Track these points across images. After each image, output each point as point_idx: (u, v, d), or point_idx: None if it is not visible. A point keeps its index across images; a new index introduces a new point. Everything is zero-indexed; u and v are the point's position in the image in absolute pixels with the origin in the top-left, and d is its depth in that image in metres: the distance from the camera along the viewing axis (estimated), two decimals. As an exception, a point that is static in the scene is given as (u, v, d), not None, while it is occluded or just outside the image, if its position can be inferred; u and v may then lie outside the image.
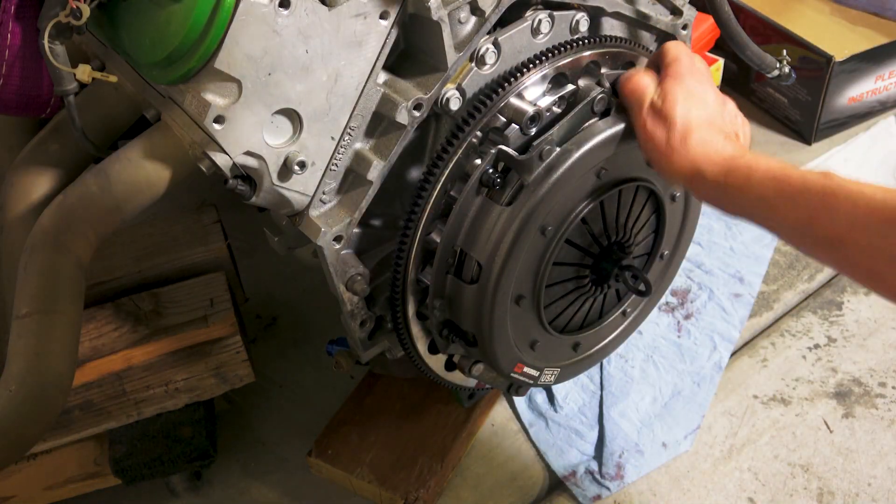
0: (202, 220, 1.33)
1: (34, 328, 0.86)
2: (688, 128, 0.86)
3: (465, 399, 1.29)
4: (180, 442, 1.17)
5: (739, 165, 0.82)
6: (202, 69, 0.78)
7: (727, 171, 0.82)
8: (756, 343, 1.45)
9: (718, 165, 0.83)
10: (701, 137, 0.86)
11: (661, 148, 0.87)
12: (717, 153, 0.84)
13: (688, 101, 0.88)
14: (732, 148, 0.85)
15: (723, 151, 0.84)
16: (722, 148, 0.85)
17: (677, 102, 0.87)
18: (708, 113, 0.89)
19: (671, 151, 0.86)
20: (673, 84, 0.89)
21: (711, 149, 0.85)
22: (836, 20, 1.79)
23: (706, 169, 0.84)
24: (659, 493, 1.23)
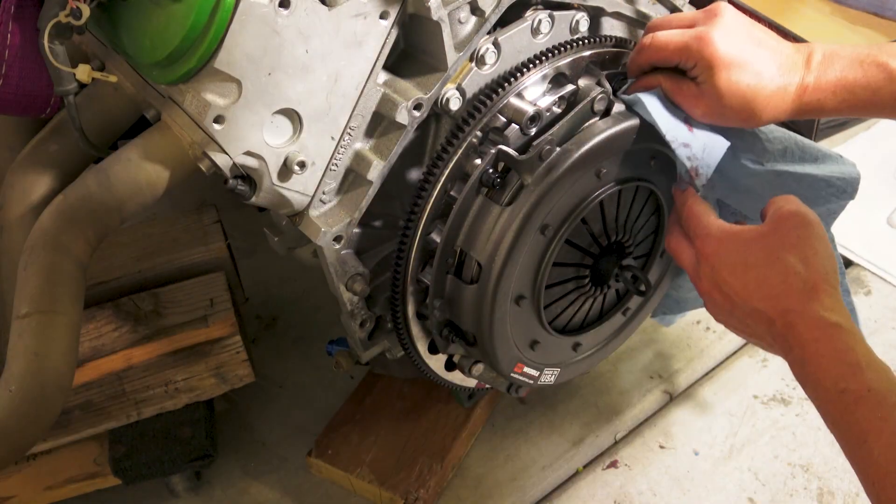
0: (202, 220, 1.33)
1: (34, 328, 0.86)
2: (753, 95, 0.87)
3: (464, 399, 1.29)
4: (180, 442, 1.17)
5: (810, 105, 0.87)
6: (202, 69, 0.78)
7: (799, 113, 0.87)
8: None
9: (790, 112, 0.87)
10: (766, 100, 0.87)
11: None
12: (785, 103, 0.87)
13: None
14: (795, 87, 0.87)
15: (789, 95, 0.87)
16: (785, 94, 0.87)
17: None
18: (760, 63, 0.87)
19: None
20: None
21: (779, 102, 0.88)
22: (836, 20, 1.80)
23: (780, 119, 0.89)
24: (659, 493, 1.23)
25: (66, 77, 0.86)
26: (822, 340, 0.73)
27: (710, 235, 0.84)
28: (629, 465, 1.28)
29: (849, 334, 0.73)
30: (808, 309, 0.75)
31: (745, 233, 0.83)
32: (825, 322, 0.74)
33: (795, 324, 0.75)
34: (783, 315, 0.76)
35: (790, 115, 0.90)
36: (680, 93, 0.92)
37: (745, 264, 0.80)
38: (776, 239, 0.79)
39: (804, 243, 0.79)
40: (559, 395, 1.37)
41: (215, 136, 0.81)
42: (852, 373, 0.70)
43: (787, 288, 0.77)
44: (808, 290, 0.76)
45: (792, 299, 0.76)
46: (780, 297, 0.77)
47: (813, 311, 0.74)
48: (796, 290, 0.76)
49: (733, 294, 0.81)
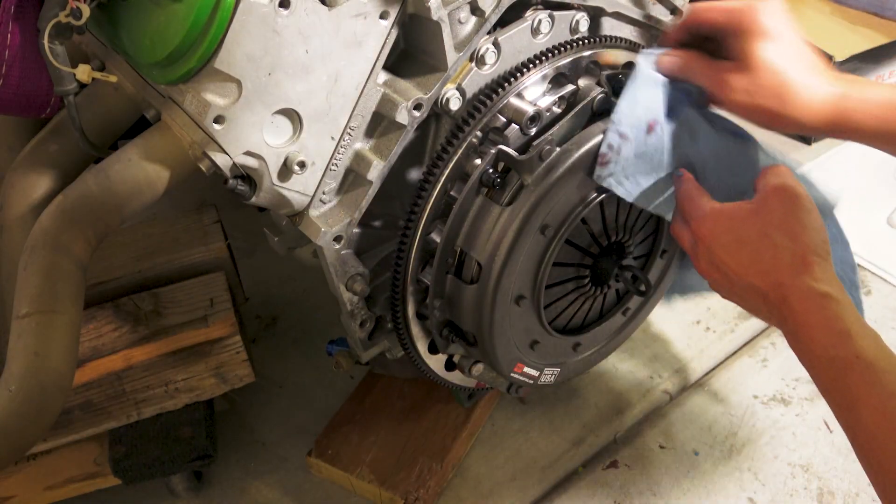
0: (202, 220, 1.33)
1: (34, 328, 0.86)
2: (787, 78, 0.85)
3: (464, 399, 1.29)
4: (180, 442, 1.17)
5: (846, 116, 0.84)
6: (202, 69, 0.78)
7: (831, 123, 0.84)
8: (756, 343, 1.45)
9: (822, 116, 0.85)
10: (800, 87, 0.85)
11: None
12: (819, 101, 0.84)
13: None
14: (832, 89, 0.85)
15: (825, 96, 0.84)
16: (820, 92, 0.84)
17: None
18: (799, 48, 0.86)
19: None
20: None
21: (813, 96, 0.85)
22: (836, 20, 1.80)
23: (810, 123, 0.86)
24: (659, 493, 1.23)
25: (66, 77, 0.86)
26: (812, 311, 0.75)
27: (704, 216, 0.85)
28: (629, 465, 1.28)
29: (838, 304, 0.74)
30: (798, 281, 0.77)
31: (735, 210, 0.83)
32: (815, 292, 0.75)
33: (787, 296, 0.77)
34: (775, 288, 0.78)
35: (823, 121, 0.86)
36: (711, 69, 0.89)
37: (738, 241, 0.82)
38: (764, 215, 0.81)
39: (792, 218, 0.80)
40: (559, 395, 1.37)
41: (215, 136, 0.81)
42: (841, 341, 0.72)
43: (777, 262, 0.78)
44: (797, 263, 0.77)
45: (782, 273, 0.78)
46: (771, 272, 0.79)
47: (803, 283, 0.76)
48: (786, 263, 0.78)
49: (729, 272, 0.82)
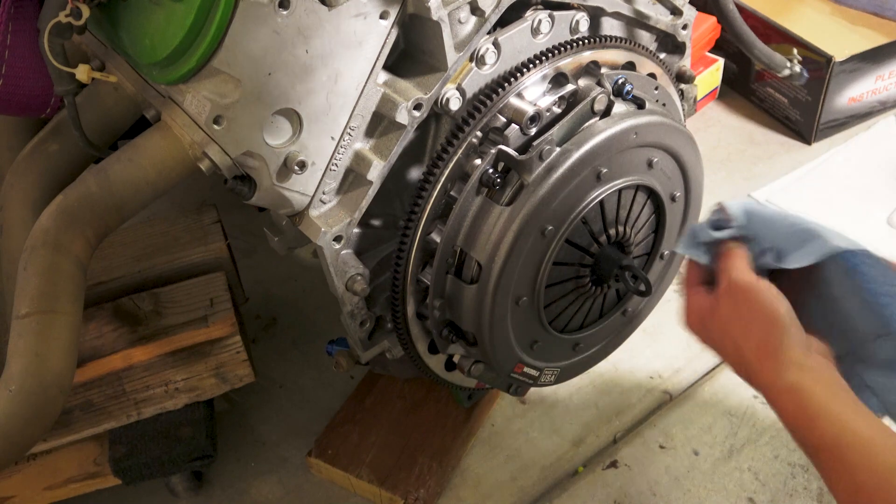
0: (202, 220, 1.34)
1: (34, 328, 0.86)
2: None
3: (464, 399, 1.29)
4: (180, 442, 1.17)
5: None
6: (202, 69, 0.78)
7: None
8: (756, 343, 1.45)
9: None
10: None
11: None
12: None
13: None
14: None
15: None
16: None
17: None
18: None
19: None
20: None
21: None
22: (836, 20, 1.79)
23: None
24: (659, 493, 1.23)
25: (66, 77, 0.86)
26: (778, 402, 0.78)
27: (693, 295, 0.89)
28: (629, 465, 1.27)
29: (802, 392, 0.76)
30: (761, 379, 0.80)
31: (707, 305, 0.86)
32: (777, 388, 0.78)
33: (759, 387, 0.81)
34: (750, 378, 0.82)
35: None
36: None
37: (712, 332, 0.86)
38: (721, 311, 0.84)
39: (737, 319, 0.82)
40: (559, 395, 1.37)
41: (215, 136, 0.81)
42: (807, 427, 0.75)
43: (741, 359, 0.82)
44: (756, 360, 0.80)
45: (749, 367, 0.81)
46: (741, 364, 0.82)
47: (766, 380, 0.79)
48: (748, 361, 0.81)
49: (719, 353, 0.87)
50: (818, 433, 0.74)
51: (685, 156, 1.06)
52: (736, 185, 1.74)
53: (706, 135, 1.86)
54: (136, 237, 1.31)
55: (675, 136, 1.02)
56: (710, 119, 1.91)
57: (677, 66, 1.17)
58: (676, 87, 1.16)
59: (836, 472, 0.72)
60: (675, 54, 1.17)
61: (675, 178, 1.08)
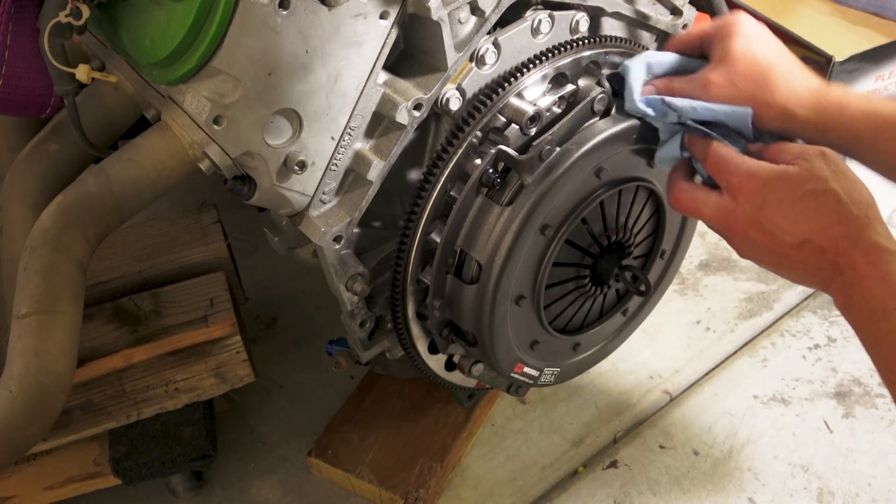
0: (202, 220, 1.34)
1: (34, 328, 0.86)
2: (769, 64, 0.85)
3: (464, 399, 1.29)
4: (180, 442, 1.17)
5: (830, 101, 0.81)
6: (202, 69, 0.78)
7: (817, 109, 0.82)
8: (756, 343, 1.45)
9: (807, 102, 0.83)
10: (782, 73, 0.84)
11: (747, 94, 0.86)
12: (804, 87, 0.83)
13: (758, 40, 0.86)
14: (817, 81, 0.83)
15: (809, 84, 0.83)
16: (805, 81, 0.83)
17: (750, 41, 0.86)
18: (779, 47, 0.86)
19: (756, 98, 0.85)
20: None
21: (797, 84, 0.83)
22: (836, 20, 1.79)
23: (795, 109, 0.83)
24: (659, 493, 1.23)
25: (66, 77, 0.86)
26: (874, 264, 0.75)
27: (751, 175, 0.83)
28: (629, 465, 1.28)
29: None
30: (862, 235, 0.77)
31: (785, 171, 0.82)
32: (878, 247, 0.76)
33: (848, 249, 0.77)
34: (836, 242, 0.78)
35: (809, 106, 0.86)
36: (692, 78, 0.91)
37: (793, 199, 0.80)
38: (817, 173, 0.80)
39: (846, 175, 0.81)
40: (559, 395, 1.37)
41: (215, 136, 0.81)
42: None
43: (840, 217, 0.78)
44: (860, 217, 0.78)
45: (845, 226, 0.78)
46: (833, 226, 0.78)
47: (867, 237, 0.77)
48: (849, 218, 0.78)
49: (779, 230, 0.81)
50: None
51: (685, 156, 1.06)
52: (736, 185, 1.73)
53: (706, 135, 1.86)
54: (136, 237, 1.31)
55: (675, 136, 1.02)
56: (710, 119, 1.90)
57: (677, 66, 1.17)
58: (676, 87, 1.16)
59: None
60: (675, 54, 1.17)
61: (675, 178, 1.07)
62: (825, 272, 0.80)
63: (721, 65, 0.89)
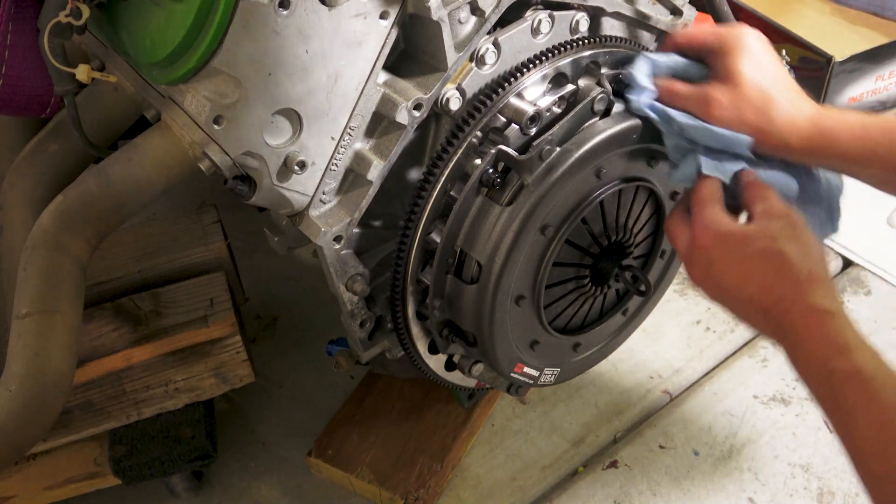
0: (202, 220, 1.33)
1: (34, 328, 0.86)
2: (770, 92, 0.87)
3: (464, 399, 1.29)
4: (180, 442, 1.17)
5: (824, 130, 0.84)
6: (202, 69, 0.78)
7: (811, 138, 0.85)
8: (756, 343, 1.45)
9: (803, 132, 0.86)
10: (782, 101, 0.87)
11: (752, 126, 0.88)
12: (801, 117, 0.86)
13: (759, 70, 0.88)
14: (812, 108, 0.86)
15: (805, 112, 0.86)
16: (801, 109, 0.86)
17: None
18: (778, 67, 0.89)
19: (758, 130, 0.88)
20: None
21: (794, 112, 0.86)
22: (836, 20, 1.80)
23: (792, 140, 0.86)
24: (659, 493, 1.23)
25: (66, 77, 0.86)
26: (813, 325, 0.76)
27: (708, 228, 0.85)
28: (629, 465, 1.28)
29: (839, 320, 0.76)
30: (801, 297, 0.78)
31: (742, 230, 0.85)
32: (817, 308, 0.77)
33: (789, 311, 0.78)
34: (778, 303, 0.79)
35: (804, 136, 0.88)
36: (696, 88, 0.92)
37: (742, 257, 0.83)
38: (772, 233, 0.82)
39: (799, 236, 0.82)
40: (559, 395, 1.37)
41: (215, 136, 0.81)
42: (840, 354, 0.73)
43: (782, 278, 0.80)
44: (802, 279, 0.79)
45: (786, 288, 0.79)
46: (774, 288, 0.80)
47: (807, 299, 0.78)
48: (791, 279, 0.79)
49: (728, 285, 0.84)
50: (853, 362, 0.72)
51: (685, 156, 1.06)
52: (736, 185, 1.74)
53: (706, 135, 1.86)
54: (136, 237, 1.31)
55: (675, 136, 1.02)
56: (710, 119, 1.90)
57: (677, 66, 1.17)
58: (676, 87, 1.16)
59: (866, 405, 0.70)
60: (675, 54, 1.17)
61: (675, 178, 1.08)
62: (771, 331, 0.82)
63: (725, 84, 0.90)
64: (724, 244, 0.84)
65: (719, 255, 0.84)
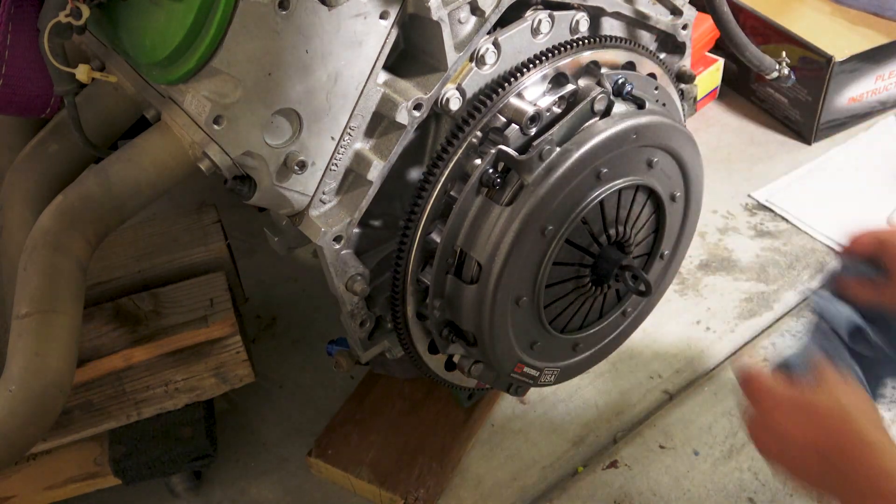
0: (202, 220, 1.34)
1: (34, 328, 0.86)
2: None
3: (464, 399, 1.29)
4: (180, 442, 1.17)
5: None
6: (202, 69, 0.78)
7: None
8: (756, 343, 1.45)
9: None
10: None
11: None
12: None
13: None
14: None
15: None
16: None
17: None
18: None
19: None
20: None
21: None
22: (836, 20, 1.79)
23: None
24: (659, 493, 1.23)
25: (66, 77, 0.86)
26: None
27: None
28: (629, 465, 1.27)
29: None
30: None
31: None
32: None
33: None
34: None
35: None
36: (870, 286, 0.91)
37: None
38: None
39: None
40: (559, 395, 1.37)
41: (215, 136, 0.81)
42: None
43: None
44: None
45: None
46: None
47: None
48: None
49: None
50: None
51: (685, 156, 1.06)
52: (736, 185, 1.74)
53: (706, 135, 1.86)
54: (136, 237, 1.31)
55: (675, 136, 1.02)
56: (710, 119, 1.90)
57: (677, 66, 1.17)
58: (676, 87, 1.16)
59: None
60: (676, 54, 1.17)
61: (675, 178, 1.08)
62: None
63: None
64: None
65: None
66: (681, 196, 1.10)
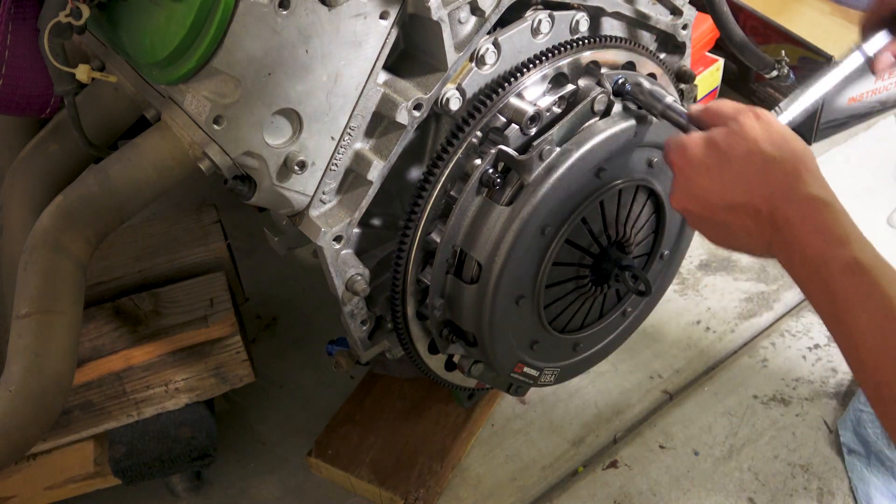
0: (202, 220, 1.34)
1: (34, 328, 0.86)
2: None
3: (464, 399, 1.29)
4: (180, 442, 1.17)
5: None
6: (202, 69, 0.78)
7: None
8: (756, 343, 1.45)
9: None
10: None
11: None
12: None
13: None
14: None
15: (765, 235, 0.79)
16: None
17: None
18: None
19: None
20: None
21: None
22: (836, 20, 1.79)
23: None
24: (659, 494, 1.23)
25: (66, 77, 0.86)
26: (808, 216, 0.73)
27: (682, 145, 0.82)
28: (629, 465, 1.28)
29: (834, 209, 0.73)
30: (792, 189, 0.75)
31: (713, 135, 0.81)
32: (810, 197, 0.74)
33: (781, 206, 0.75)
34: (768, 201, 0.76)
35: None
36: None
37: (720, 164, 0.79)
38: (744, 134, 0.79)
39: (773, 132, 0.78)
40: (559, 394, 1.37)
41: (215, 136, 0.81)
42: (839, 244, 0.71)
43: (767, 176, 0.77)
44: (788, 172, 0.76)
45: (774, 185, 0.76)
46: (760, 186, 0.77)
47: (798, 190, 0.75)
48: (777, 174, 0.76)
49: (712, 196, 0.80)
50: (851, 252, 0.70)
51: (685, 156, 1.06)
52: (736, 185, 1.73)
53: (706, 135, 1.85)
54: (136, 237, 1.31)
55: (675, 136, 1.02)
56: (710, 119, 1.90)
57: (677, 65, 1.17)
58: (676, 86, 1.16)
59: (865, 296, 0.68)
60: (675, 54, 1.17)
61: (675, 178, 1.07)
62: (765, 233, 0.78)
63: None
64: (697, 155, 0.80)
65: (696, 168, 0.80)
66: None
